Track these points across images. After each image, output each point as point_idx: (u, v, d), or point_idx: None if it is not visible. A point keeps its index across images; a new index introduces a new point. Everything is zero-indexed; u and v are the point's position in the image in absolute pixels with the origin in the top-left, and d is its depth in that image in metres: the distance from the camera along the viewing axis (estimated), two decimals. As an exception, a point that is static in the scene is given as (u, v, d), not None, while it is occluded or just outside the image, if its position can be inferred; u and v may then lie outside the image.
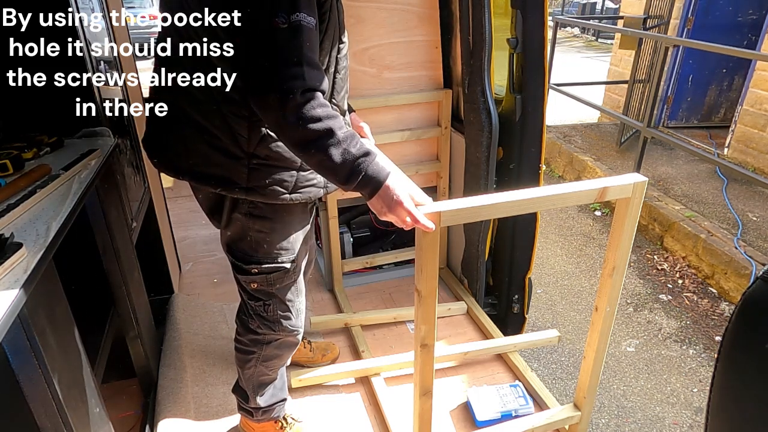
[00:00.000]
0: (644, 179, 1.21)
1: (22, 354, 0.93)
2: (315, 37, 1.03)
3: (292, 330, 1.44)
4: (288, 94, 0.99)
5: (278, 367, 1.53)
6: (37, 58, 1.55)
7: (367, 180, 1.03)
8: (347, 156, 1.02)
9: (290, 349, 1.50)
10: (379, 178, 1.04)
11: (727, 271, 3.20)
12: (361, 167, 1.03)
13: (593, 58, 11.21)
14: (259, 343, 1.45)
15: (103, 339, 1.62)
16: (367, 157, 1.04)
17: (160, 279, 2.33)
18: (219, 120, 1.15)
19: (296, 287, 1.41)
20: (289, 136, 1.06)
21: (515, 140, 2.00)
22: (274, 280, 1.34)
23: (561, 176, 5.20)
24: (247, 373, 1.51)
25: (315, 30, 1.03)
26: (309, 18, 0.99)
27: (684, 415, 2.40)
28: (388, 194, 1.04)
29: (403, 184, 1.06)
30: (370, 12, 2.10)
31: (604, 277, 1.36)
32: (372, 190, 1.04)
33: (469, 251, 2.32)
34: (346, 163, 1.02)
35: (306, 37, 1.00)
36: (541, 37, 1.83)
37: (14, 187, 1.23)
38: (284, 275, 1.34)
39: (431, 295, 1.14)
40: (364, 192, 1.05)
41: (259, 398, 1.54)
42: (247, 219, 1.27)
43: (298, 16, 0.97)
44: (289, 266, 1.34)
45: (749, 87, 4.50)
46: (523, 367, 1.98)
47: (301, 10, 0.98)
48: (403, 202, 1.03)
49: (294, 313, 1.43)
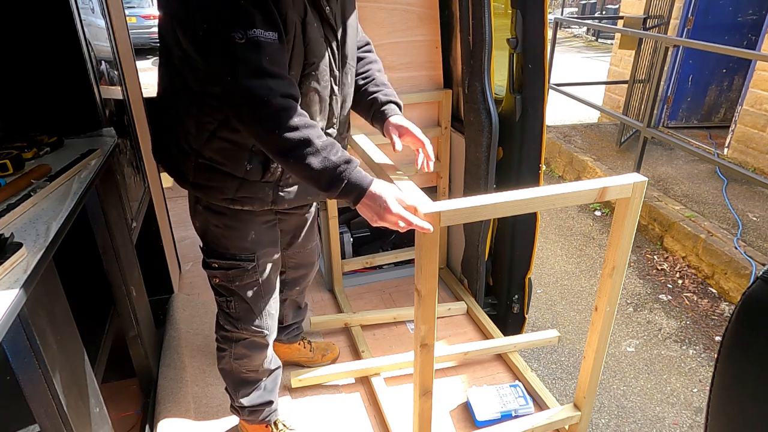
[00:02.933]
0: (644, 179, 1.22)
1: (22, 354, 0.93)
2: (277, 52, 1.03)
3: (257, 330, 1.43)
4: (258, 105, 1.02)
5: (255, 368, 1.51)
6: (38, 58, 1.55)
7: (351, 187, 1.05)
8: (327, 164, 1.04)
9: (260, 351, 1.48)
10: (363, 184, 1.06)
11: (727, 271, 3.20)
12: (343, 175, 1.05)
13: (593, 58, 11.21)
14: (229, 341, 1.46)
15: (103, 339, 1.62)
16: (349, 165, 1.06)
17: (160, 279, 2.33)
18: (177, 114, 1.21)
19: (260, 288, 1.38)
20: (268, 146, 1.08)
21: (515, 140, 2.00)
22: (233, 277, 1.34)
23: (561, 176, 5.21)
24: (224, 370, 1.53)
25: (277, 44, 1.02)
26: (268, 33, 1.00)
27: (684, 415, 2.40)
28: (375, 200, 1.06)
29: (389, 188, 1.08)
30: (370, 12, 2.10)
31: (604, 277, 1.36)
32: (356, 196, 1.06)
33: (469, 251, 2.32)
34: (326, 171, 1.04)
35: (266, 51, 1.00)
36: (541, 37, 1.83)
37: (14, 187, 1.23)
38: (243, 273, 1.34)
39: (431, 295, 1.14)
40: (349, 199, 1.07)
41: (242, 398, 1.55)
42: (206, 213, 1.31)
43: (255, 32, 0.98)
44: (246, 266, 1.33)
45: (749, 87, 4.50)
46: (523, 367, 1.98)
47: (257, 27, 0.98)
48: (391, 207, 1.05)
49: (258, 313, 1.41)
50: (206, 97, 1.14)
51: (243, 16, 0.98)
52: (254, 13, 0.99)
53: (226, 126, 1.16)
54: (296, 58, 1.10)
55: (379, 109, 1.36)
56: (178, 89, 1.18)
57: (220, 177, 1.21)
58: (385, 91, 1.39)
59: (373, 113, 1.37)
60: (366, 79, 1.39)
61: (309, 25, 1.09)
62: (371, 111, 1.37)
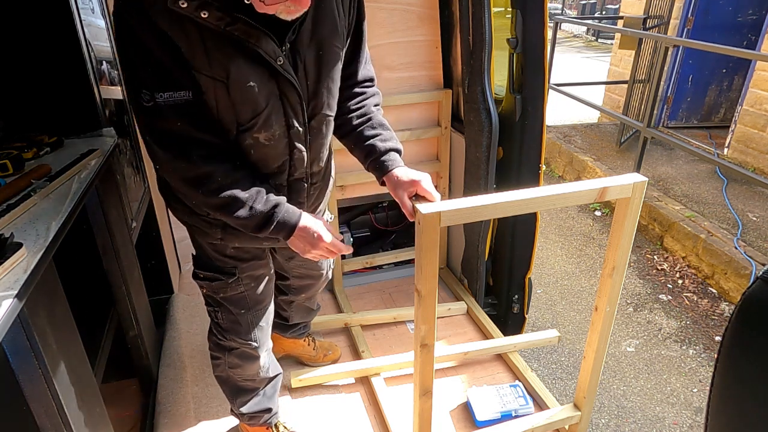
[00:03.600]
0: (644, 179, 1.21)
1: (22, 354, 0.93)
2: (190, 112, 0.99)
3: (244, 342, 1.40)
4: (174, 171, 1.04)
5: (252, 377, 1.49)
6: (38, 58, 1.55)
7: (281, 225, 1.10)
8: (254, 212, 1.07)
9: (251, 362, 1.45)
10: (292, 221, 1.12)
11: (727, 271, 3.20)
12: (272, 219, 1.09)
13: (593, 58, 11.21)
14: (222, 349, 1.44)
15: (103, 339, 1.62)
16: (277, 208, 1.10)
17: (160, 279, 2.32)
18: None
19: (246, 301, 1.35)
20: (196, 203, 1.12)
21: (515, 140, 2.00)
22: (216, 288, 1.33)
23: (561, 176, 5.20)
24: (221, 377, 1.51)
25: (191, 102, 0.98)
26: (178, 94, 0.96)
27: (684, 415, 2.40)
28: (308, 232, 1.13)
29: (316, 222, 1.15)
30: (370, 12, 2.07)
31: (604, 277, 1.36)
32: (287, 232, 1.12)
33: (469, 251, 2.32)
34: (254, 218, 1.08)
35: (177, 114, 0.97)
36: (541, 37, 1.83)
37: (14, 187, 1.23)
38: (226, 286, 1.32)
39: (431, 295, 1.14)
40: (280, 235, 1.12)
41: (240, 407, 1.54)
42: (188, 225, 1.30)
43: (163, 96, 0.95)
44: (227, 279, 1.30)
45: (749, 87, 4.50)
46: (523, 367, 1.98)
47: (162, 90, 0.95)
48: (323, 236, 1.14)
49: (245, 325, 1.38)
50: None
51: (146, 78, 0.95)
52: (156, 75, 0.95)
53: None
54: (224, 115, 1.03)
55: (379, 159, 1.22)
56: None
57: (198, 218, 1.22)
58: (384, 135, 1.25)
59: (370, 161, 1.23)
60: (361, 118, 1.26)
61: (236, 86, 0.99)
62: (368, 158, 1.24)
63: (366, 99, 1.29)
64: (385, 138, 1.24)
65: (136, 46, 0.93)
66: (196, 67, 0.95)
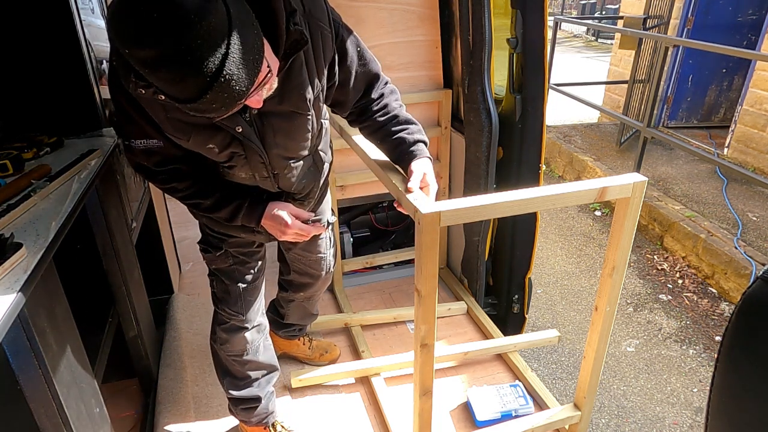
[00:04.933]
0: (644, 179, 1.21)
1: (22, 354, 0.93)
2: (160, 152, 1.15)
3: (234, 314, 1.48)
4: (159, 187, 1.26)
5: (238, 356, 1.53)
6: (38, 58, 1.55)
7: (250, 211, 1.23)
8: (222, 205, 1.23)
9: (237, 336, 1.50)
10: (259, 208, 1.24)
11: (727, 271, 3.20)
12: (240, 209, 1.23)
13: (593, 58, 11.21)
14: (216, 322, 1.53)
15: (103, 339, 1.62)
16: (243, 199, 1.23)
17: (160, 279, 2.33)
18: None
19: (236, 275, 1.45)
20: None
21: (515, 140, 2.00)
22: (209, 260, 1.46)
23: (561, 176, 5.20)
24: (215, 355, 1.58)
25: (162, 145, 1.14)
26: (150, 141, 1.13)
27: (684, 415, 2.40)
28: (275, 219, 1.25)
29: (284, 206, 1.26)
30: (370, 12, 2.10)
31: (604, 277, 1.36)
32: (258, 217, 1.24)
33: (469, 251, 2.32)
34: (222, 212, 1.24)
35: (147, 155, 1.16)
36: (541, 37, 1.83)
37: (14, 187, 1.23)
38: (215, 258, 1.43)
39: (431, 295, 1.14)
40: (251, 221, 1.25)
41: (230, 389, 1.58)
42: None
43: (135, 143, 1.14)
44: (214, 252, 1.42)
45: (749, 87, 4.50)
46: (523, 367, 1.98)
47: (135, 138, 1.13)
48: (289, 222, 1.25)
49: (234, 297, 1.47)
50: None
51: (125, 129, 1.13)
52: (131, 128, 1.12)
53: None
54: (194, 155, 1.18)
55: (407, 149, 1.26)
56: None
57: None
58: (410, 128, 1.29)
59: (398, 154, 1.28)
60: (385, 116, 1.30)
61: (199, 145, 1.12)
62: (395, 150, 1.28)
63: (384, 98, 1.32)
64: (412, 131, 1.29)
65: (118, 106, 1.10)
66: (164, 130, 1.11)
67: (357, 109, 1.31)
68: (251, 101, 0.94)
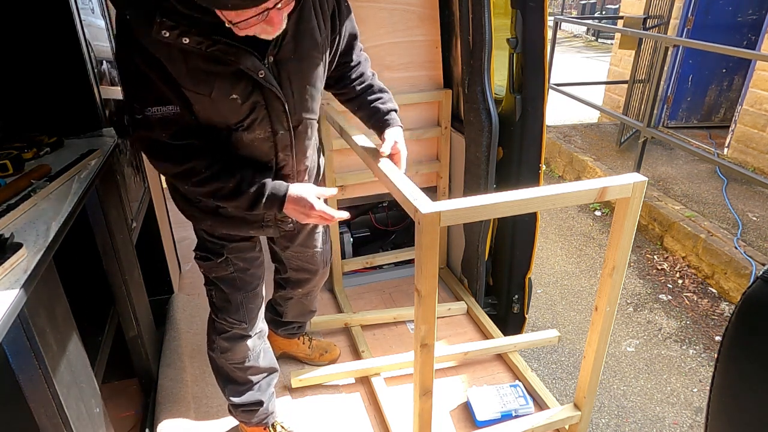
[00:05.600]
0: (644, 179, 1.21)
1: (22, 354, 0.93)
2: (176, 122, 1.11)
3: (235, 322, 1.46)
4: (165, 171, 1.19)
5: (240, 363, 1.53)
6: (38, 59, 1.55)
7: (271, 201, 1.20)
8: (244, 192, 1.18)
9: (239, 343, 1.49)
10: (280, 193, 1.20)
11: (727, 271, 3.20)
12: (260, 196, 1.19)
13: (593, 58, 11.20)
14: (215, 332, 1.50)
15: (103, 339, 1.63)
16: (264, 186, 1.19)
17: (160, 279, 2.33)
18: None
19: (236, 282, 1.43)
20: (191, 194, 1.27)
21: (515, 140, 2.00)
22: (208, 268, 1.43)
23: (561, 176, 5.20)
24: (215, 363, 1.56)
25: (178, 114, 1.11)
26: (166, 108, 1.09)
27: (684, 415, 2.40)
28: (299, 203, 1.21)
29: (307, 189, 1.23)
30: (370, 12, 2.10)
31: (604, 277, 1.36)
32: (279, 205, 1.21)
33: (469, 251, 2.32)
34: (245, 197, 1.18)
35: (163, 125, 1.10)
36: (541, 37, 1.83)
37: (14, 188, 1.23)
38: (216, 266, 1.41)
39: (431, 295, 1.14)
40: (273, 205, 1.21)
41: (232, 396, 1.57)
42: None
43: (150, 110, 1.09)
44: (215, 259, 1.40)
45: (749, 87, 4.50)
46: (523, 367, 1.98)
47: (151, 105, 1.08)
48: (314, 204, 1.21)
49: (235, 305, 1.45)
50: None
51: (137, 94, 1.09)
52: (146, 92, 1.08)
53: None
54: (212, 120, 1.16)
55: (382, 118, 1.41)
56: None
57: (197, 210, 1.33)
58: (384, 98, 1.44)
59: (373, 122, 1.43)
60: (362, 85, 1.44)
61: (219, 101, 1.11)
62: (371, 119, 1.43)
63: (360, 66, 1.44)
64: (385, 101, 1.43)
65: (131, 68, 1.06)
66: (182, 85, 1.07)
67: (337, 73, 1.40)
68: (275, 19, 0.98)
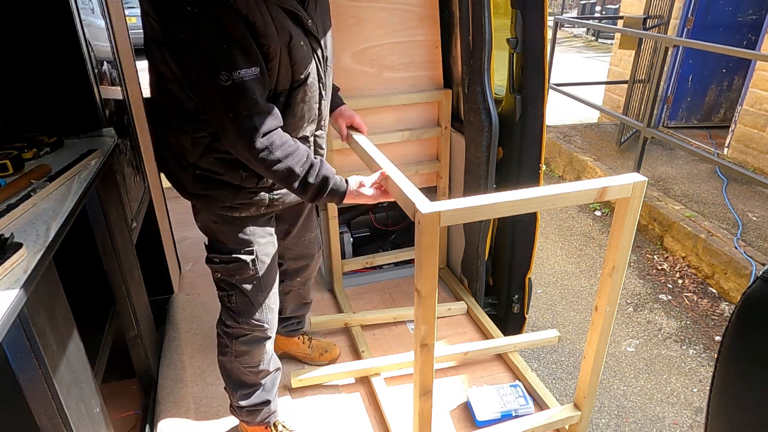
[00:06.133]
0: (644, 179, 1.22)
1: (22, 354, 0.93)
2: (258, 85, 1.12)
3: (258, 324, 1.46)
4: (248, 145, 1.14)
5: (255, 364, 1.53)
6: (38, 59, 1.55)
7: (331, 196, 1.27)
8: (308, 185, 1.23)
9: (260, 346, 1.50)
10: (340, 190, 1.28)
11: (727, 271, 3.20)
12: (323, 190, 1.25)
13: (593, 58, 11.20)
14: (230, 337, 1.49)
15: (103, 339, 1.62)
16: (327, 181, 1.25)
17: (160, 279, 2.33)
18: (172, 132, 1.28)
19: (260, 282, 1.43)
20: (261, 173, 1.25)
21: (515, 140, 2.00)
22: (233, 271, 1.40)
23: (561, 176, 5.20)
24: (224, 367, 1.55)
25: (259, 78, 1.11)
26: (251, 70, 1.09)
27: (684, 415, 2.40)
28: (358, 197, 1.30)
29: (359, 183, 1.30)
30: (370, 12, 2.10)
31: (604, 277, 1.36)
32: (339, 199, 1.29)
33: (469, 251, 2.32)
34: (308, 190, 1.24)
35: (249, 90, 1.10)
36: (541, 37, 1.83)
37: (14, 187, 1.23)
38: (243, 267, 1.39)
39: (431, 295, 1.14)
40: (333, 201, 1.30)
41: (240, 400, 1.56)
42: (204, 213, 1.39)
43: (240, 73, 1.07)
44: (246, 259, 1.38)
45: (749, 87, 4.50)
46: (523, 367, 1.98)
47: (240, 67, 1.07)
48: (369, 195, 1.30)
49: (258, 306, 1.45)
50: (199, 114, 1.21)
51: (226, 59, 1.06)
52: (236, 54, 1.07)
53: (219, 139, 1.22)
54: (283, 77, 1.19)
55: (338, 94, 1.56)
56: (172, 107, 1.23)
57: (217, 186, 1.29)
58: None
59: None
60: None
61: (295, 47, 1.17)
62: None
63: None
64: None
65: (216, 30, 1.05)
66: (268, 36, 1.09)
67: None
68: None
